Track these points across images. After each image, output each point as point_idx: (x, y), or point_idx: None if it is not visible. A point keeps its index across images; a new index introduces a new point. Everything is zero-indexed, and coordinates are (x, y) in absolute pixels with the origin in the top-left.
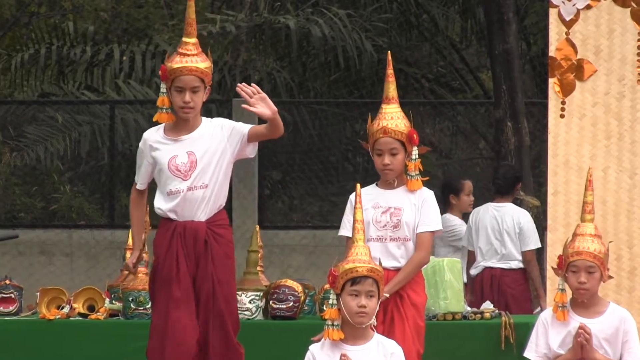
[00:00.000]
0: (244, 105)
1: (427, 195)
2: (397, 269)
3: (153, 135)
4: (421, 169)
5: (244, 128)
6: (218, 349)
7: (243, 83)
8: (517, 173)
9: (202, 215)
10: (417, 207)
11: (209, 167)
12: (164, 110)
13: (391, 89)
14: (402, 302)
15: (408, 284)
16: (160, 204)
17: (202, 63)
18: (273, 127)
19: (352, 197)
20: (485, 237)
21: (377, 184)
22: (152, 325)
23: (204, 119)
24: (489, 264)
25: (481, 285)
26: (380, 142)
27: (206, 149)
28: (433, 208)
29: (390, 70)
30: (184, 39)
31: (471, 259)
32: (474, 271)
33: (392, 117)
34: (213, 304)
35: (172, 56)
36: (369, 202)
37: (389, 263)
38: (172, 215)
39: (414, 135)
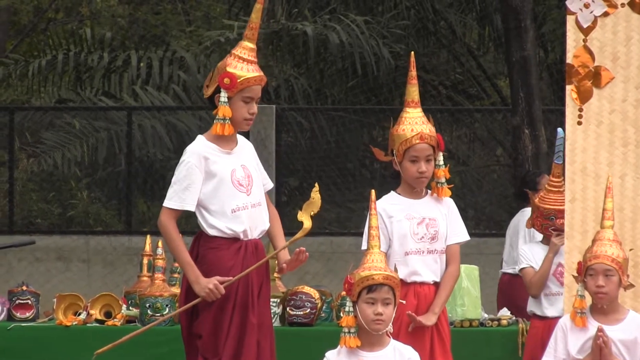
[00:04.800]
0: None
1: (452, 204)
2: (436, 283)
3: (204, 148)
4: (447, 176)
5: (268, 184)
6: None
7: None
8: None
9: (259, 234)
10: (446, 216)
11: (259, 182)
12: (227, 122)
13: (416, 92)
14: (439, 320)
15: None
16: (228, 223)
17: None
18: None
19: (377, 207)
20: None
21: (398, 193)
22: (225, 352)
23: None
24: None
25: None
26: (417, 149)
27: (251, 162)
28: (459, 217)
29: (414, 72)
30: (248, 44)
31: None
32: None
33: (423, 122)
34: (270, 332)
35: (231, 62)
36: (400, 212)
37: (428, 277)
38: (241, 236)
39: (441, 141)
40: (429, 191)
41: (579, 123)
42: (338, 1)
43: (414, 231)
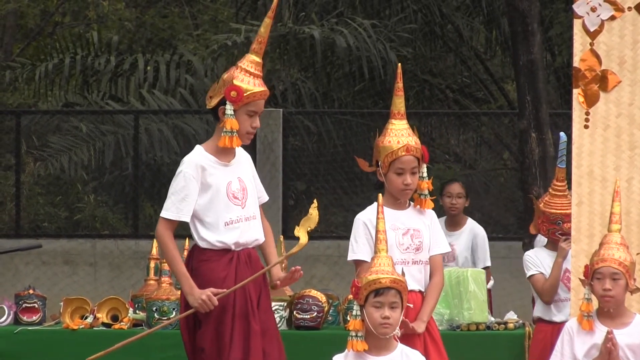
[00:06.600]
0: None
1: (434, 215)
2: (421, 292)
3: (202, 159)
4: (430, 188)
5: (263, 196)
6: None
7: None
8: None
9: (252, 246)
10: (429, 227)
11: (254, 194)
12: (234, 134)
13: (402, 104)
14: (429, 326)
15: None
16: (220, 236)
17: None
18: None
19: (363, 217)
20: None
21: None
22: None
23: None
24: None
25: None
26: (403, 161)
27: (247, 175)
28: (440, 228)
29: (400, 84)
30: (255, 58)
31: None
32: None
33: (409, 133)
34: (277, 339)
35: (237, 74)
36: (386, 222)
37: (414, 286)
38: (233, 247)
39: (426, 152)
40: (412, 203)
41: (586, 127)
42: (345, 5)
43: (399, 242)
